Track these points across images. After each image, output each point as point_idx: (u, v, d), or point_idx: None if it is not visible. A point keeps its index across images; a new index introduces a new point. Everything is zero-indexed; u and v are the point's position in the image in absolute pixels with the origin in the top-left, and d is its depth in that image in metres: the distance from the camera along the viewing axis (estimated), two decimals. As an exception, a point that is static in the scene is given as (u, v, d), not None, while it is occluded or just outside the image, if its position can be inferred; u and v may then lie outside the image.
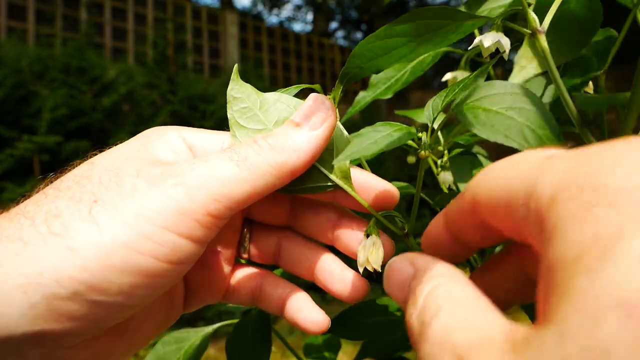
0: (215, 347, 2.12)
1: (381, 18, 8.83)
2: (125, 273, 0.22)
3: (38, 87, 2.84)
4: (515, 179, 0.17)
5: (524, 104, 0.23)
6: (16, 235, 0.22)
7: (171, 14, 4.47)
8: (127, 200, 0.22)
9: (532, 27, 0.26)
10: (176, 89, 3.51)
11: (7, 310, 0.20)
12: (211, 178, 0.23)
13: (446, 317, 0.16)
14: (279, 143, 0.25)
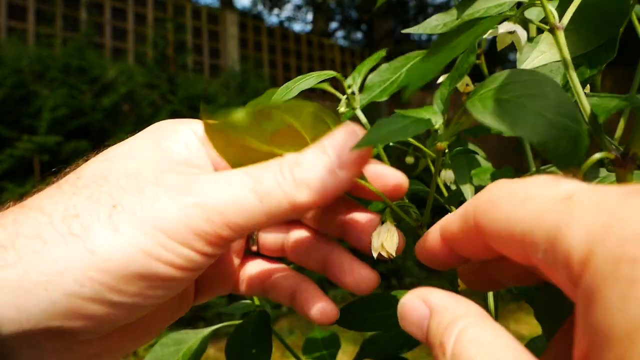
0: (215, 347, 2.12)
1: (381, 18, 8.83)
2: (142, 277, 0.22)
3: (38, 87, 2.84)
4: (529, 219, 0.16)
5: (537, 90, 0.21)
6: (34, 233, 0.22)
7: (171, 14, 4.47)
8: (146, 209, 0.23)
9: (550, 23, 0.25)
10: (176, 89, 3.51)
11: (27, 306, 0.21)
12: (230, 205, 0.23)
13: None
14: (304, 179, 0.24)
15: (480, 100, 0.22)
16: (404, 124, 0.23)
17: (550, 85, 0.21)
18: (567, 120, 0.20)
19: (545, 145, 0.20)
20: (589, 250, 0.14)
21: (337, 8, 10.22)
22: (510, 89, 0.22)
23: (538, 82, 0.22)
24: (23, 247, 0.22)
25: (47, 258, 0.21)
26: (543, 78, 0.22)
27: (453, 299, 0.19)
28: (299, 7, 11.71)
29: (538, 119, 0.20)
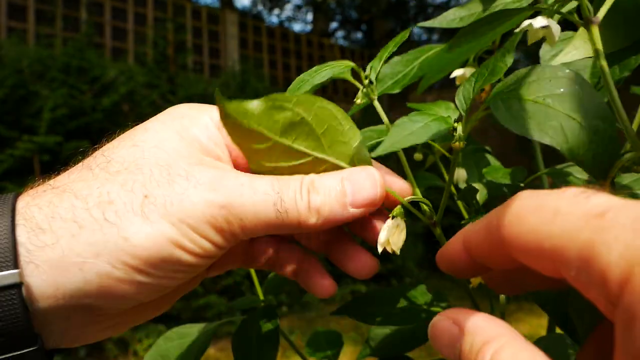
0: (215, 347, 2.12)
1: (381, 18, 8.83)
2: (167, 262, 0.25)
3: (38, 87, 2.84)
4: (559, 236, 0.16)
5: (566, 89, 0.20)
6: (70, 216, 0.24)
7: (171, 14, 4.47)
8: (176, 203, 0.25)
9: (585, 17, 0.24)
10: (176, 89, 3.51)
11: (64, 283, 0.24)
12: (251, 213, 0.26)
13: None
14: (317, 205, 0.27)
15: (503, 101, 0.21)
16: (424, 123, 0.22)
17: (579, 83, 0.20)
18: (599, 121, 0.19)
19: (573, 152, 0.18)
20: (628, 271, 0.13)
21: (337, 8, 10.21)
22: (535, 88, 0.20)
23: (566, 80, 0.20)
24: (60, 230, 0.24)
25: (84, 242, 0.24)
26: (570, 75, 0.20)
27: (485, 320, 0.19)
28: (299, 7, 11.71)
29: (566, 122, 0.18)
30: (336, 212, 0.27)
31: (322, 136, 0.27)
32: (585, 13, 0.24)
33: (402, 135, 0.22)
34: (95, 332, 0.27)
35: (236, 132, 0.26)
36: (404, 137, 0.22)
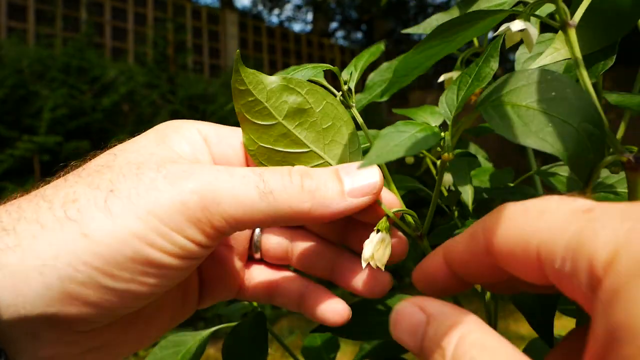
0: (215, 347, 2.12)
1: (381, 18, 8.83)
2: (136, 262, 0.22)
3: (38, 87, 2.84)
4: (547, 231, 0.17)
5: (555, 92, 0.19)
6: (34, 218, 0.23)
7: (171, 14, 4.47)
8: (142, 194, 0.23)
9: (562, 20, 0.24)
10: (176, 89, 3.50)
11: (24, 290, 0.21)
12: (228, 196, 0.23)
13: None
14: (312, 189, 0.25)
15: (494, 108, 0.20)
16: (411, 134, 0.21)
17: (571, 87, 0.19)
18: (591, 126, 0.18)
19: (572, 159, 0.18)
20: (614, 252, 0.14)
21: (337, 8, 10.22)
22: (525, 92, 0.20)
23: (557, 83, 0.20)
24: (23, 232, 0.22)
25: (44, 242, 0.22)
26: (560, 77, 0.20)
27: (451, 307, 0.20)
28: (299, 7, 11.71)
29: (563, 128, 0.18)
30: (332, 200, 0.25)
31: (324, 131, 0.27)
32: (562, 16, 0.24)
33: (388, 147, 0.20)
34: (73, 355, 0.24)
35: (242, 100, 0.26)
36: (390, 149, 0.20)
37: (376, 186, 0.25)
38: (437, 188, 0.27)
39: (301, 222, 0.25)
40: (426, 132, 0.22)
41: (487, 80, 0.24)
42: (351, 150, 0.27)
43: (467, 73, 0.25)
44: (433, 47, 0.24)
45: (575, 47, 0.24)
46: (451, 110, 0.25)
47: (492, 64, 0.24)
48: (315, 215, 0.25)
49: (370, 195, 0.25)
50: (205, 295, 0.30)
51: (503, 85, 0.21)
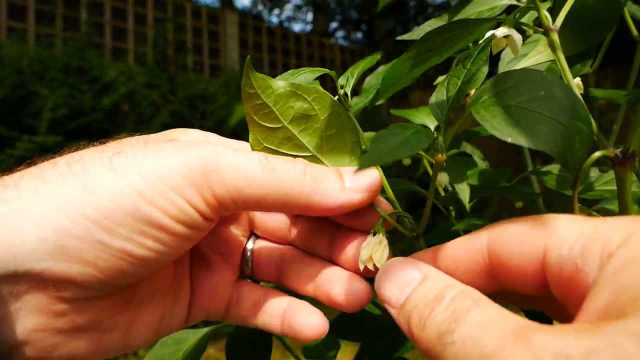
0: (215, 347, 2.12)
1: (381, 18, 8.82)
2: (135, 219, 0.22)
3: (38, 87, 2.83)
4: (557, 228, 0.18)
5: (544, 91, 0.20)
6: (37, 174, 0.23)
7: (171, 14, 4.46)
8: (148, 155, 0.23)
9: (544, 25, 0.25)
10: (176, 89, 3.50)
11: (17, 242, 0.21)
12: (231, 166, 0.24)
13: (483, 311, 0.17)
14: (314, 177, 0.25)
15: (485, 109, 0.21)
16: (404, 137, 0.22)
17: (558, 85, 0.20)
18: (580, 123, 0.19)
19: (565, 157, 0.18)
20: (628, 235, 0.16)
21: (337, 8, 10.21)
22: (515, 92, 0.20)
23: (545, 82, 0.20)
24: (24, 186, 0.22)
25: (44, 195, 0.22)
26: (548, 77, 0.20)
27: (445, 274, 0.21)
28: (299, 7, 11.71)
29: (553, 126, 0.18)
30: (333, 189, 0.25)
31: (327, 138, 0.28)
32: (544, 22, 0.25)
33: (382, 151, 0.21)
34: (56, 333, 0.23)
35: (251, 103, 0.27)
36: (384, 152, 0.21)
37: (375, 183, 0.26)
38: (431, 188, 0.27)
39: (299, 208, 0.25)
40: (419, 135, 0.22)
41: (478, 84, 0.24)
42: (352, 158, 0.28)
43: (455, 75, 0.25)
44: (420, 56, 0.24)
45: (558, 50, 0.25)
46: (442, 111, 0.25)
47: (482, 67, 0.24)
48: (314, 201, 0.25)
49: (369, 193, 0.26)
50: (194, 304, 0.30)
51: (493, 86, 0.21)
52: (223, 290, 0.30)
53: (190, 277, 0.30)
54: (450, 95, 0.25)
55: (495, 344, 0.16)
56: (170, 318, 0.29)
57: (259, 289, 0.30)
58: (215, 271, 0.30)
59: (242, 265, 0.31)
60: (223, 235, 0.30)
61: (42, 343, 0.23)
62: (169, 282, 0.29)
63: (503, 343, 0.16)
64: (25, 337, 0.22)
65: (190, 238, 0.25)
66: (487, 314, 0.17)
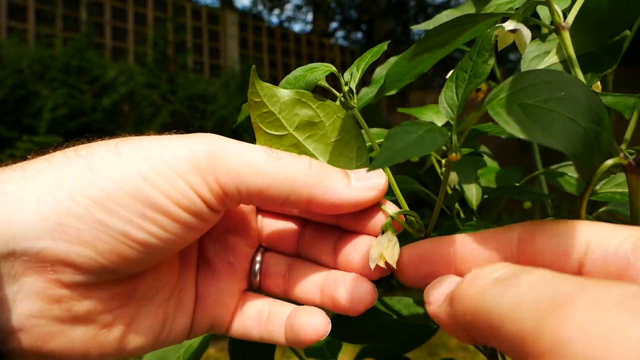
0: (215, 347, 2.12)
1: (381, 18, 8.82)
2: (136, 200, 0.22)
3: (38, 87, 2.83)
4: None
5: (564, 92, 0.19)
6: (45, 159, 0.23)
7: (171, 14, 4.46)
8: (154, 142, 0.24)
9: (555, 23, 0.24)
10: (176, 89, 3.50)
11: (17, 219, 0.21)
12: (235, 153, 0.24)
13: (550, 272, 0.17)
14: (319, 170, 0.25)
15: (502, 106, 0.20)
16: (418, 135, 0.21)
17: (578, 86, 0.19)
18: (598, 127, 0.18)
19: (579, 157, 0.18)
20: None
21: (337, 8, 10.21)
22: (533, 91, 0.20)
23: (565, 83, 0.19)
24: (30, 168, 0.22)
25: (49, 175, 0.22)
26: (569, 78, 0.20)
27: None
28: (299, 7, 11.71)
29: (570, 126, 0.18)
30: (339, 183, 0.25)
31: (332, 144, 0.28)
32: (556, 18, 0.24)
33: (396, 149, 0.20)
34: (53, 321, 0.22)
35: (257, 111, 0.28)
36: (398, 150, 0.20)
37: (381, 182, 0.26)
38: (442, 189, 0.26)
39: (303, 201, 0.25)
40: (433, 133, 0.21)
41: (485, 76, 0.24)
42: (358, 164, 0.28)
43: (463, 68, 0.25)
44: (424, 53, 0.24)
45: (569, 49, 0.24)
46: (453, 109, 0.24)
47: (487, 59, 0.24)
48: (318, 194, 0.25)
49: (375, 191, 0.26)
50: (198, 313, 0.29)
51: (511, 85, 0.21)
52: (229, 299, 0.29)
53: (196, 284, 0.30)
54: (460, 91, 0.25)
55: (573, 285, 0.15)
56: (172, 324, 0.28)
57: (263, 299, 0.30)
58: (222, 280, 0.30)
59: (249, 276, 0.30)
60: (232, 244, 0.30)
61: (38, 331, 0.22)
62: (173, 282, 0.28)
63: (584, 284, 0.15)
64: (21, 323, 0.22)
65: (193, 227, 0.24)
66: (555, 273, 0.17)
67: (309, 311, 0.27)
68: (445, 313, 0.20)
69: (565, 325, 0.14)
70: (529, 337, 0.14)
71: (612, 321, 0.13)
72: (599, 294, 0.14)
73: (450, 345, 2.15)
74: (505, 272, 0.18)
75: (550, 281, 0.16)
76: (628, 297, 0.14)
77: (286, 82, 0.30)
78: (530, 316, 0.15)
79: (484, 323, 0.17)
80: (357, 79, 0.31)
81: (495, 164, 0.44)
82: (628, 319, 0.13)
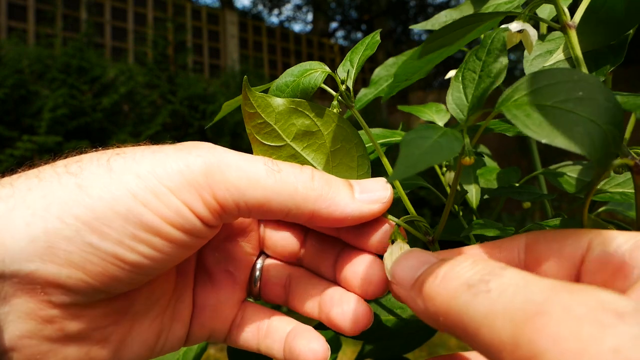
0: (215, 347, 2.12)
1: (381, 18, 8.82)
2: (127, 222, 0.21)
3: (38, 87, 2.84)
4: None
5: (582, 92, 0.18)
6: (34, 174, 0.22)
7: (171, 14, 4.46)
8: (147, 156, 0.22)
9: (562, 21, 0.24)
10: (176, 89, 3.50)
11: (6, 241, 0.20)
12: (233, 166, 0.23)
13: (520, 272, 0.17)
14: (322, 182, 0.24)
15: (518, 107, 0.19)
16: (433, 140, 0.20)
17: (596, 85, 0.19)
18: (616, 128, 0.18)
19: (601, 160, 0.17)
20: None
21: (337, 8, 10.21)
22: (551, 92, 0.19)
23: (583, 83, 0.19)
24: (20, 185, 0.21)
25: (38, 193, 0.21)
26: (586, 77, 0.19)
27: None
28: (299, 7, 11.70)
29: (590, 127, 0.17)
30: (342, 198, 0.24)
31: (332, 154, 0.27)
32: (562, 17, 0.24)
33: (414, 157, 0.19)
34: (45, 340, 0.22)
35: (252, 122, 0.27)
36: (416, 159, 0.18)
37: (386, 195, 0.25)
38: (452, 193, 0.26)
39: (305, 214, 0.24)
40: (448, 138, 0.20)
41: (501, 77, 0.23)
42: (360, 173, 0.27)
43: (470, 68, 0.24)
44: (431, 52, 0.24)
45: (576, 48, 0.24)
46: (462, 109, 0.24)
47: (501, 59, 0.23)
48: (321, 208, 0.24)
49: (380, 205, 0.25)
50: (195, 323, 0.28)
51: (527, 85, 0.20)
52: (228, 309, 0.28)
53: (194, 294, 0.29)
54: (470, 92, 0.24)
55: (545, 293, 0.15)
56: (167, 335, 0.27)
57: (263, 312, 0.29)
58: (220, 289, 0.29)
59: (249, 284, 0.29)
60: (232, 253, 0.29)
61: (30, 350, 0.22)
62: (169, 295, 0.27)
63: (556, 291, 0.15)
64: (13, 343, 0.21)
65: (188, 245, 0.23)
66: (525, 273, 0.17)
67: (308, 335, 0.26)
68: (414, 302, 0.20)
69: (540, 336, 0.14)
70: (506, 345, 0.15)
71: (584, 333, 0.13)
72: (570, 303, 0.14)
73: (450, 345, 2.15)
74: (474, 273, 0.18)
75: (522, 288, 0.16)
76: (598, 307, 0.14)
77: (277, 89, 0.29)
78: (505, 325, 0.15)
79: (459, 328, 0.17)
80: (353, 76, 0.30)
81: (494, 164, 0.44)
82: (598, 331, 0.13)
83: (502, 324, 0.15)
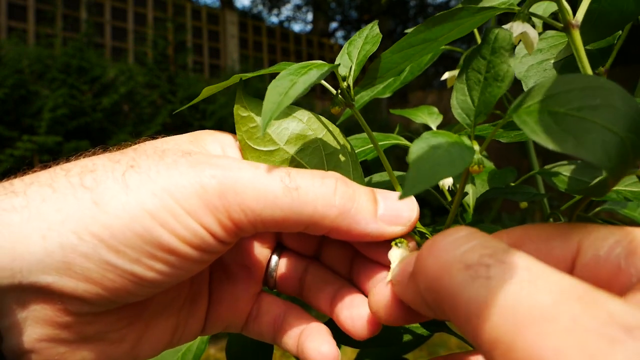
0: (215, 347, 2.12)
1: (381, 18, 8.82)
2: (145, 242, 0.21)
3: (38, 87, 2.84)
4: None
5: (600, 99, 0.18)
6: (48, 182, 0.22)
7: (171, 14, 4.47)
8: (162, 172, 0.22)
9: (565, 21, 0.23)
10: (176, 89, 3.50)
11: (23, 253, 0.20)
12: (249, 187, 0.22)
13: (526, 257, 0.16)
14: (344, 198, 0.23)
15: (529, 114, 0.19)
16: (444, 150, 0.19)
17: (616, 92, 0.18)
18: (636, 136, 0.17)
19: (614, 170, 0.16)
20: None
21: (337, 8, 10.21)
22: (565, 99, 0.18)
23: (601, 90, 0.18)
24: (33, 194, 0.21)
25: (52, 206, 0.21)
26: (606, 84, 0.18)
27: None
28: (299, 7, 11.71)
29: (605, 135, 0.16)
30: (364, 216, 0.23)
31: (327, 157, 0.27)
32: (565, 16, 0.23)
33: (425, 169, 0.18)
34: (63, 343, 0.22)
35: (244, 127, 0.26)
36: (428, 171, 0.18)
37: (412, 217, 0.24)
38: (457, 199, 0.25)
39: (324, 230, 0.23)
40: (459, 146, 0.19)
41: (509, 79, 0.22)
42: (355, 176, 0.27)
43: (475, 68, 0.23)
44: (412, 47, 0.23)
45: (579, 48, 0.23)
46: (469, 114, 0.23)
47: (507, 59, 0.22)
48: (341, 225, 0.23)
49: (403, 227, 0.24)
50: (211, 317, 0.28)
51: (538, 92, 0.19)
52: (244, 303, 0.29)
53: (210, 289, 0.29)
54: (476, 95, 0.23)
55: (554, 296, 0.14)
56: (183, 330, 0.27)
57: (279, 306, 0.29)
58: (237, 283, 0.29)
59: (265, 276, 0.29)
60: (248, 248, 0.28)
61: (48, 352, 0.22)
62: (184, 295, 0.28)
63: (566, 297, 0.14)
64: (31, 346, 0.21)
65: (204, 260, 0.23)
66: (531, 262, 0.15)
67: (320, 338, 0.26)
68: (408, 292, 0.20)
69: (542, 344, 0.13)
70: (500, 344, 0.14)
71: (591, 348, 0.12)
72: (580, 314, 0.13)
73: (450, 345, 2.15)
74: (470, 249, 0.17)
75: (528, 284, 0.14)
76: (608, 320, 0.13)
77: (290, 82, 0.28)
78: (503, 322, 0.14)
79: (449, 308, 0.16)
80: (353, 74, 0.28)
81: (491, 164, 0.44)
82: (607, 347, 0.12)
83: (499, 320, 0.14)
